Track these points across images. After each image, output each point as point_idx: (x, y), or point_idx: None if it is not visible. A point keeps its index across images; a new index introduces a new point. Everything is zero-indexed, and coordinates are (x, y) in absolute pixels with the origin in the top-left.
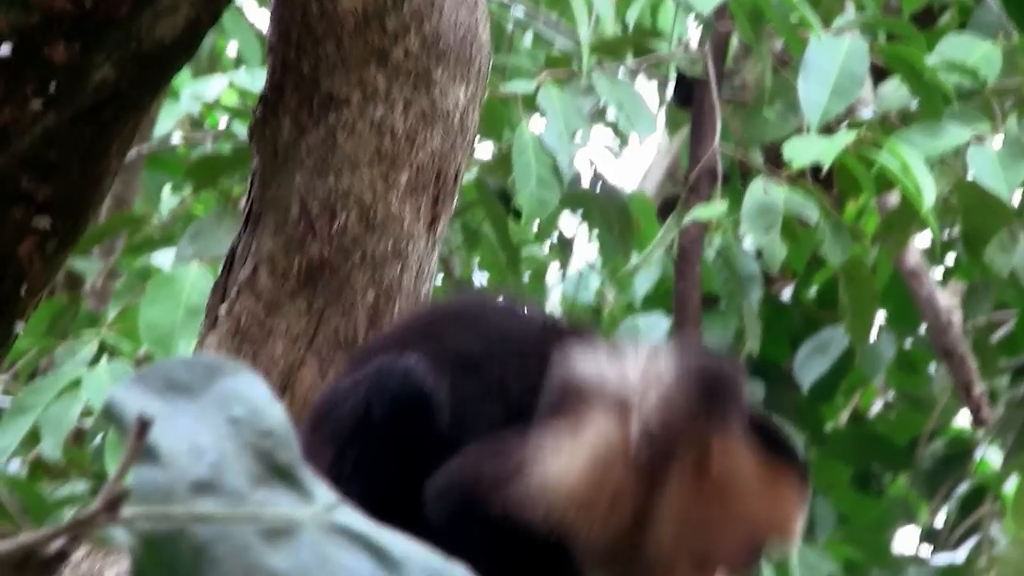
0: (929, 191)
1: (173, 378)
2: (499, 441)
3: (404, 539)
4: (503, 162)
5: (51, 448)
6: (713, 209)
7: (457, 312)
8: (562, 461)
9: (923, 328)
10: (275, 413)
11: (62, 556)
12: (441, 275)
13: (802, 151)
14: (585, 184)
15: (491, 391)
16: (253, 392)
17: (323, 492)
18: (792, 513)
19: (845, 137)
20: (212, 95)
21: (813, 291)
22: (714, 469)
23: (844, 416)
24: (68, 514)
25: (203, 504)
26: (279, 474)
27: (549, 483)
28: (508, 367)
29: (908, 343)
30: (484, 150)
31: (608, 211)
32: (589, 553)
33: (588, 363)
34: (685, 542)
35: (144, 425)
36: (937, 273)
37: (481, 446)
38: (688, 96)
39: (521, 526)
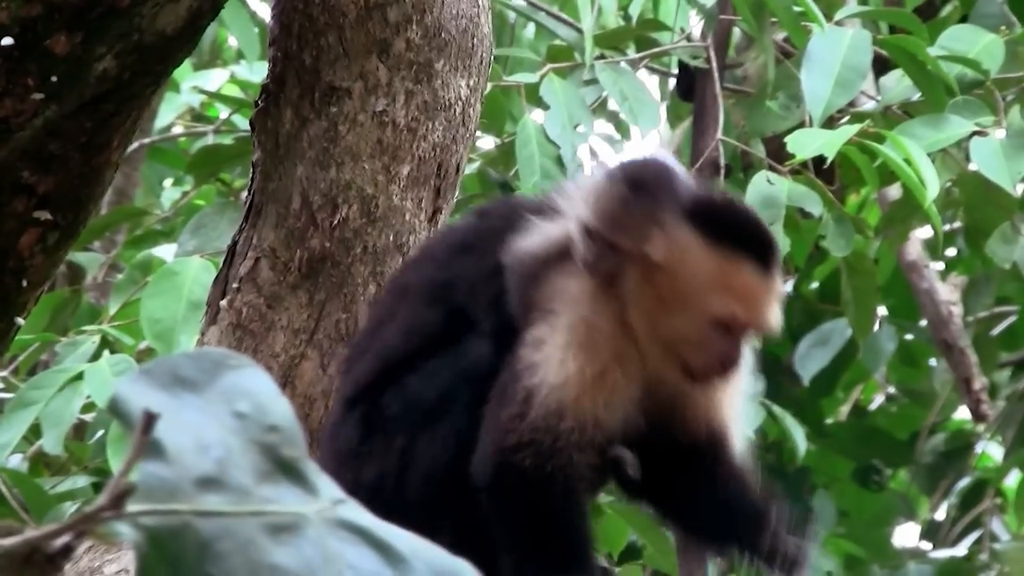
0: (932, 184)
1: (178, 373)
2: (498, 385)
3: (410, 535)
4: (505, 154)
5: (52, 443)
6: None
7: (409, 262)
8: (554, 358)
9: (924, 321)
10: (281, 408)
11: (67, 551)
12: None
13: (805, 143)
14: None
15: (471, 311)
16: (258, 387)
17: (328, 488)
18: (755, 292)
19: (848, 129)
20: (213, 87)
21: (814, 284)
22: (659, 257)
23: (845, 410)
24: (69, 509)
25: (208, 500)
26: (284, 469)
27: (558, 384)
28: (468, 279)
29: (909, 337)
30: (486, 142)
31: None
32: (627, 425)
33: (528, 239)
34: (661, 346)
35: (150, 420)
36: (938, 266)
37: (489, 403)
38: (690, 88)
39: (555, 461)
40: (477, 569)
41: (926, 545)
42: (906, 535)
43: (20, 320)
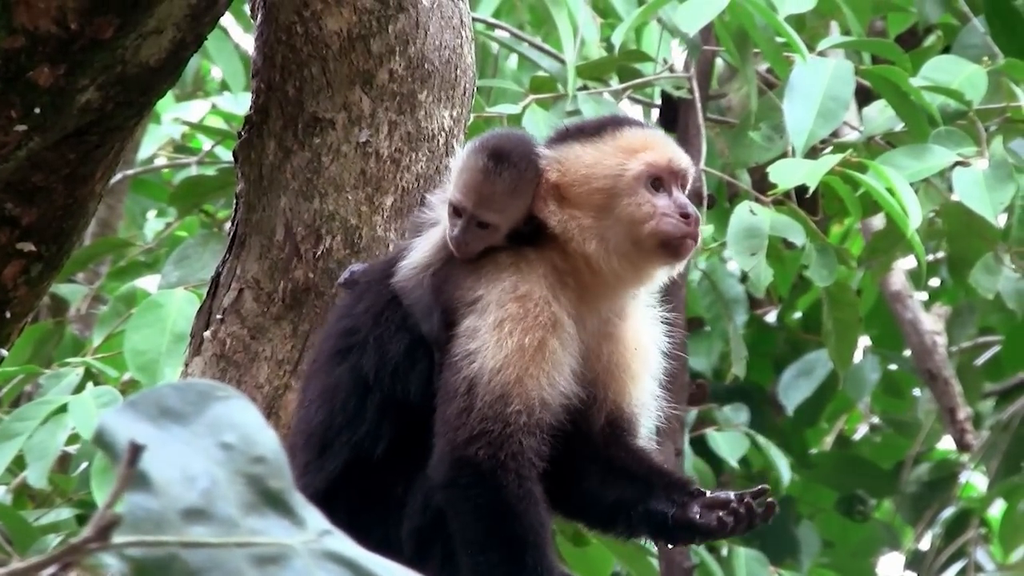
0: (915, 214)
1: (164, 404)
2: (441, 386)
3: (396, 566)
4: None
5: (37, 475)
6: None
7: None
8: (490, 341)
9: (908, 351)
10: (267, 440)
11: None
12: None
13: (788, 173)
14: None
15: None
16: (245, 418)
17: (315, 519)
18: (651, 142)
19: (831, 159)
20: (196, 118)
21: (797, 314)
22: (559, 177)
23: (829, 440)
24: (53, 541)
25: (195, 531)
26: (271, 501)
27: (498, 368)
28: (372, 312)
29: (893, 367)
30: None
31: None
32: (569, 399)
33: (411, 257)
34: (628, 246)
35: (135, 451)
36: (922, 296)
37: (436, 406)
38: (673, 118)
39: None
40: None
41: (910, 575)
42: (890, 565)
43: (3, 352)
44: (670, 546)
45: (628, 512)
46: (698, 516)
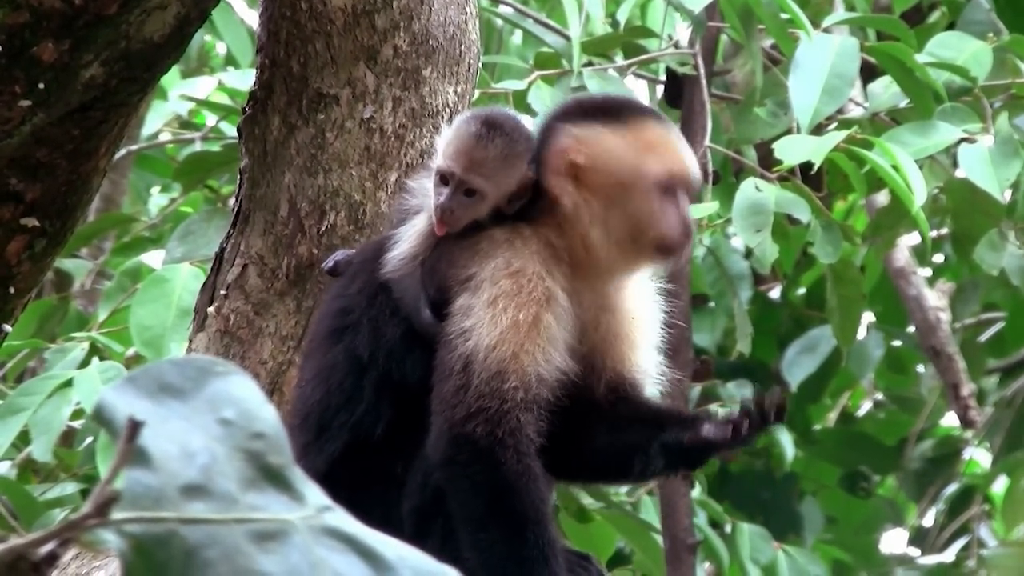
0: (920, 190)
1: (164, 380)
2: (437, 363)
3: (396, 542)
4: None
5: (42, 450)
6: (703, 208)
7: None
8: (485, 317)
9: (911, 328)
10: (266, 415)
11: (53, 559)
12: None
13: (793, 150)
14: None
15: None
16: (244, 394)
17: (314, 495)
18: (670, 145)
19: (835, 135)
20: (201, 94)
21: (801, 291)
22: (583, 160)
23: (832, 416)
24: (58, 516)
25: (194, 507)
26: (270, 477)
27: (494, 345)
28: (367, 293)
29: (896, 343)
30: None
31: None
32: (566, 375)
33: (398, 248)
34: (628, 242)
35: (135, 427)
36: (926, 272)
37: (433, 384)
38: (678, 95)
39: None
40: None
41: (914, 551)
42: (894, 541)
43: (7, 327)
44: (690, 471)
45: (644, 451)
46: (711, 433)
